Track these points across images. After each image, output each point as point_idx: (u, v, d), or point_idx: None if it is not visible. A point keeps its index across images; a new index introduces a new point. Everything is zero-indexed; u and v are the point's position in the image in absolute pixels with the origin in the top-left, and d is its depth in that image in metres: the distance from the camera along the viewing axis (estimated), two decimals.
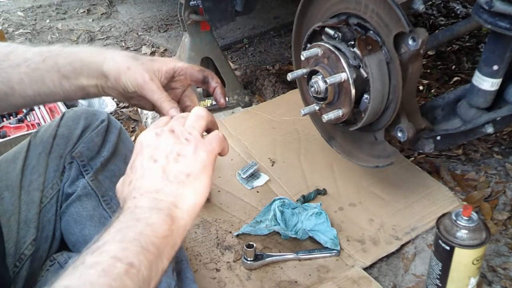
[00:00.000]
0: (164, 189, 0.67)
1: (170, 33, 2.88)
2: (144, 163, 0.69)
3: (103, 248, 0.58)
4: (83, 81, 0.89)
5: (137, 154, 0.71)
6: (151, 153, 0.70)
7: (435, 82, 2.18)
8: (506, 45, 1.10)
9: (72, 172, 1.07)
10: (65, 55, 0.90)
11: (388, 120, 1.23)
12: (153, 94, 0.86)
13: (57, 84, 0.88)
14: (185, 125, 0.73)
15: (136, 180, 0.68)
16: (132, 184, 0.69)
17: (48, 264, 1.04)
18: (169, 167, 0.68)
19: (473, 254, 1.09)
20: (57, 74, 0.88)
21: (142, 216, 0.63)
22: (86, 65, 0.89)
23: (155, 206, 0.64)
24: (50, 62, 0.89)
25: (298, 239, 1.38)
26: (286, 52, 2.61)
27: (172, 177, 0.68)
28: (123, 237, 0.59)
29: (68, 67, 0.88)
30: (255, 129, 1.83)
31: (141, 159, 0.70)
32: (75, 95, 0.91)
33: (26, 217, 1.01)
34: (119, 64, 0.87)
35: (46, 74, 0.88)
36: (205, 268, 1.32)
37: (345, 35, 1.22)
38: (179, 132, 0.71)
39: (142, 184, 0.68)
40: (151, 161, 0.69)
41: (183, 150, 0.69)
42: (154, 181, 0.67)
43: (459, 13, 2.81)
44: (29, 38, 2.90)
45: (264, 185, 1.59)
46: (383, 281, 1.29)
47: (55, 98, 0.91)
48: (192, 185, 0.68)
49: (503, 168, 1.64)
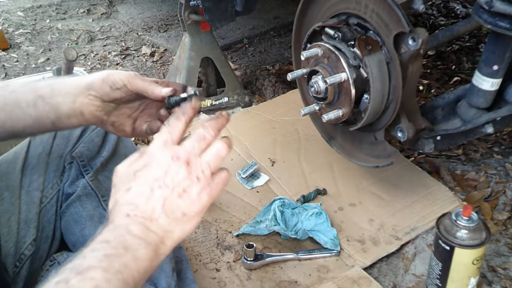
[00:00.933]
0: (158, 221, 0.67)
1: (170, 33, 2.88)
2: (149, 181, 0.68)
3: (88, 274, 0.58)
4: (58, 99, 0.88)
5: (146, 166, 0.70)
6: (159, 176, 0.68)
7: (435, 82, 2.18)
8: (506, 45, 1.10)
9: (72, 172, 1.07)
10: (46, 80, 0.91)
11: (388, 120, 1.23)
12: (143, 82, 0.86)
13: (31, 105, 0.87)
14: (202, 159, 0.71)
15: (135, 193, 0.68)
16: (130, 194, 0.68)
17: (48, 264, 1.04)
18: (171, 200, 0.67)
19: (473, 254, 1.09)
20: (33, 95, 0.88)
21: (131, 247, 0.63)
22: (66, 84, 0.89)
23: (145, 238, 0.65)
24: (29, 86, 0.89)
25: (298, 239, 1.38)
26: (286, 52, 2.61)
27: (169, 211, 0.67)
28: (108, 266, 0.60)
29: (47, 87, 0.89)
30: (255, 129, 1.83)
31: (148, 175, 0.69)
32: (46, 118, 0.89)
33: (26, 217, 1.01)
34: (107, 71, 0.88)
35: (22, 95, 0.88)
36: (205, 268, 1.32)
37: (345, 35, 1.22)
38: (193, 167, 0.70)
39: (140, 204, 0.67)
40: (157, 184, 0.68)
41: (189, 188, 0.68)
42: (152, 208, 0.67)
43: (459, 13, 2.81)
44: (29, 38, 2.90)
45: (264, 185, 1.59)
46: (383, 281, 1.29)
47: (25, 121, 0.89)
48: (183, 224, 0.68)
49: (503, 168, 1.64)
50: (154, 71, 2.53)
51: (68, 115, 0.88)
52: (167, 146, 0.71)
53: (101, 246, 0.62)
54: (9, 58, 2.70)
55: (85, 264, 0.59)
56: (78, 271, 0.58)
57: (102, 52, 2.74)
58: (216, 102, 2.06)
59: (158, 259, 0.66)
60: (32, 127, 0.89)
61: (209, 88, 2.13)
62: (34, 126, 0.89)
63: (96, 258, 0.60)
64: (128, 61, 2.65)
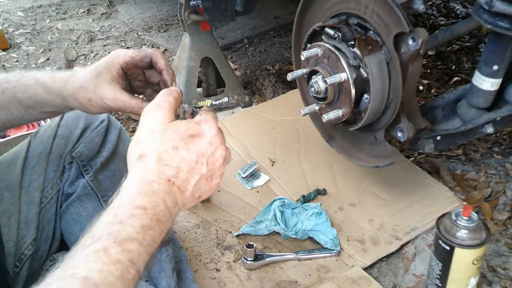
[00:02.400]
0: (185, 194, 0.67)
1: (170, 33, 2.88)
2: (198, 152, 0.68)
3: (126, 245, 0.57)
4: (47, 109, 0.91)
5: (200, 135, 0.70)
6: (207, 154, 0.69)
7: (435, 82, 2.18)
8: (506, 45, 1.10)
9: (72, 172, 1.08)
10: (23, 88, 0.90)
11: (388, 120, 1.23)
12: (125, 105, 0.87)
13: (24, 113, 0.91)
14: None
15: (182, 157, 0.67)
16: (178, 155, 0.67)
17: (48, 264, 1.04)
18: (201, 180, 0.69)
19: (473, 254, 1.09)
20: (21, 106, 0.90)
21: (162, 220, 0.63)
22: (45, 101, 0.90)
23: (171, 211, 0.65)
24: (9, 94, 0.90)
25: (298, 239, 1.38)
26: (286, 52, 2.61)
27: (195, 189, 0.69)
28: (143, 239, 0.59)
29: (29, 100, 0.90)
30: (255, 129, 1.83)
31: (199, 146, 0.69)
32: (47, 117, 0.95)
33: (26, 217, 1.01)
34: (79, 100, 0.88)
35: (10, 105, 0.90)
36: (205, 268, 1.32)
37: (345, 35, 1.22)
38: (225, 160, 0.73)
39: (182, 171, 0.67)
40: (202, 160, 0.69)
41: (215, 175, 0.71)
42: (188, 180, 0.67)
43: (459, 13, 2.81)
44: (29, 38, 2.90)
45: (264, 185, 1.59)
46: (383, 281, 1.29)
47: (26, 123, 0.95)
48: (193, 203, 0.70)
49: (503, 168, 1.64)
50: None
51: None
52: (220, 133, 0.73)
53: (139, 213, 0.61)
54: (9, 58, 2.70)
55: (124, 234, 0.58)
56: (118, 240, 0.57)
57: (102, 52, 2.74)
58: (216, 102, 2.06)
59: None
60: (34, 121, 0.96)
61: (209, 88, 2.13)
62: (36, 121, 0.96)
63: (134, 228, 0.59)
64: None
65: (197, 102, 2.02)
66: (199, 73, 2.05)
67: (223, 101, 2.07)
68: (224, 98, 2.07)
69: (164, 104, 0.71)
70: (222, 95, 2.07)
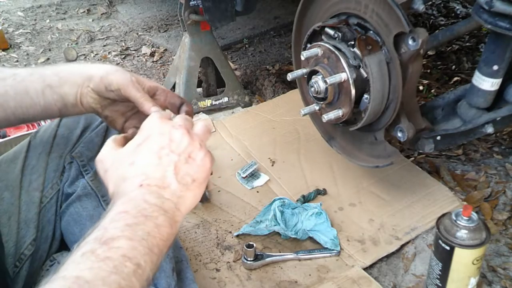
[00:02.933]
0: (171, 187, 0.67)
1: (170, 33, 2.88)
2: (155, 150, 0.68)
3: (113, 244, 0.58)
4: (65, 89, 0.90)
5: (147, 138, 0.70)
6: (165, 143, 0.69)
7: (435, 82, 2.18)
8: (506, 45, 1.10)
9: (72, 172, 1.07)
10: (53, 68, 0.93)
11: (388, 120, 1.23)
12: (136, 92, 0.87)
13: (40, 93, 0.89)
14: (195, 131, 0.73)
15: (142, 164, 0.68)
16: (135, 166, 0.68)
17: (48, 264, 1.04)
18: (179, 166, 0.68)
19: (473, 254, 1.09)
20: (42, 84, 0.90)
21: (151, 215, 0.63)
22: (72, 73, 0.90)
23: (161, 205, 0.65)
24: (36, 74, 0.91)
25: (298, 239, 1.38)
26: (286, 52, 2.61)
27: (180, 177, 0.68)
28: (132, 235, 0.60)
29: (54, 77, 0.90)
30: (255, 129, 1.83)
31: (152, 145, 0.69)
32: (54, 106, 0.92)
33: (26, 217, 1.01)
34: (108, 67, 0.90)
35: (31, 84, 0.90)
36: (205, 268, 1.32)
37: (345, 35, 1.22)
38: (193, 135, 0.71)
39: (150, 173, 0.67)
40: (164, 152, 0.68)
41: (194, 153, 0.70)
42: (163, 175, 0.67)
43: (459, 13, 2.81)
44: (29, 38, 2.90)
45: (264, 185, 1.59)
46: (383, 281, 1.29)
47: (35, 109, 0.91)
48: (194, 190, 0.69)
49: (503, 168, 1.64)
50: (154, 71, 2.53)
51: (73, 104, 0.91)
52: (164, 120, 0.72)
53: (120, 217, 0.62)
54: (9, 58, 2.71)
55: (108, 235, 0.59)
56: (103, 241, 0.58)
57: (102, 52, 2.74)
58: (216, 102, 2.06)
59: (176, 226, 0.66)
60: (41, 114, 0.92)
61: (209, 88, 2.13)
62: (43, 113, 0.92)
63: (118, 228, 0.60)
64: (128, 61, 2.65)
65: (197, 102, 2.02)
66: (199, 73, 2.05)
67: (223, 101, 2.07)
68: (224, 98, 2.07)
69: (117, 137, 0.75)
70: (222, 95, 2.07)
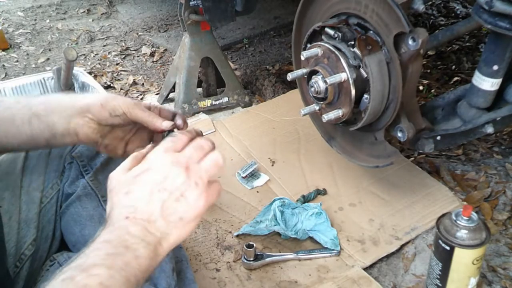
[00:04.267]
0: (156, 223, 0.68)
1: (170, 33, 2.88)
2: (149, 185, 0.70)
3: (92, 271, 0.60)
4: (54, 118, 0.89)
5: (146, 170, 0.71)
6: (159, 180, 0.70)
7: (435, 82, 2.19)
8: (506, 45, 1.10)
9: (72, 172, 1.07)
10: (40, 97, 0.92)
11: (388, 120, 1.23)
12: (142, 113, 0.89)
13: (26, 122, 0.88)
14: (200, 166, 0.73)
15: (134, 197, 0.69)
16: (129, 197, 0.70)
17: (48, 264, 1.04)
18: (168, 204, 0.69)
19: (473, 254, 1.09)
20: (29, 113, 0.89)
21: (132, 247, 0.65)
22: (61, 103, 0.90)
23: (144, 238, 0.67)
24: (23, 103, 0.90)
25: (298, 239, 1.38)
26: (286, 52, 2.61)
27: (166, 214, 0.69)
28: (111, 264, 0.62)
29: (41, 106, 0.89)
30: (255, 129, 1.83)
31: (148, 179, 0.71)
32: (41, 136, 0.90)
33: (26, 217, 1.01)
34: (102, 94, 0.92)
35: (17, 112, 0.89)
36: (205, 268, 1.32)
37: (345, 35, 1.22)
38: (192, 173, 0.71)
39: (139, 207, 0.69)
40: (156, 188, 0.70)
41: (187, 192, 0.70)
42: (150, 211, 0.69)
43: (459, 13, 2.81)
44: (29, 38, 2.90)
45: (264, 185, 1.59)
46: (383, 281, 1.29)
47: (20, 139, 0.90)
48: (180, 229, 0.70)
49: (503, 168, 1.64)
50: (154, 71, 2.53)
51: (62, 134, 0.90)
52: (168, 152, 0.73)
53: (102, 246, 0.64)
54: (9, 58, 2.71)
55: (88, 262, 0.62)
56: (83, 268, 0.61)
57: (102, 52, 2.74)
58: (216, 102, 2.06)
59: (157, 259, 0.68)
60: (26, 144, 0.91)
61: (209, 88, 2.13)
62: (29, 143, 0.91)
63: (98, 256, 0.63)
64: (128, 61, 2.65)
65: (197, 102, 2.02)
66: (199, 73, 2.05)
67: (223, 101, 2.07)
68: (224, 98, 2.07)
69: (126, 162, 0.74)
70: (222, 95, 2.07)
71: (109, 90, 2.33)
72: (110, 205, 0.71)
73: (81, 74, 2.08)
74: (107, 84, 2.40)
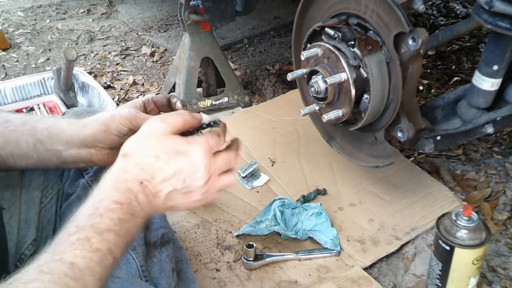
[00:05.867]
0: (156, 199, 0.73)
1: (170, 33, 2.88)
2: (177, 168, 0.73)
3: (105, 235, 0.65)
4: (59, 147, 0.89)
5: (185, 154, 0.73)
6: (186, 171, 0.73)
7: (435, 82, 2.19)
8: (506, 45, 1.10)
9: (72, 172, 1.07)
10: (44, 120, 0.92)
11: (388, 120, 1.23)
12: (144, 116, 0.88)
13: (31, 147, 0.89)
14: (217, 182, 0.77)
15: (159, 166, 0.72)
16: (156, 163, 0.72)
17: None
18: (175, 192, 0.74)
19: (473, 254, 1.09)
20: (33, 138, 0.89)
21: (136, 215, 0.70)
22: (62, 132, 0.89)
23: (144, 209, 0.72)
24: (28, 125, 0.90)
25: (298, 239, 1.38)
26: (286, 52, 2.61)
27: (168, 199, 0.74)
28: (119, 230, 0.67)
29: (45, 132, 0.89)
30: (255, 129, 1.83)
31: (180, 163, 0.73)
32: (49, 161, 0.91)
33: (26, 217, 1.01)
34: (101, 118, 0.89)
35: (22, 136, 0.89)
36: (205, 268, 1.32)
37: (345, 35, 1.22)
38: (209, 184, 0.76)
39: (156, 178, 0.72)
40: (179, 176, 0.73)
41: (193, 194, 0.75)
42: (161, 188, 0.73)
43: (459, 13, 2.81)
44: (29, 38, 2.90)
45: (264, 185, 1.59)
46: (383, 281, 1.29)
47: (28, 161, 0.91)
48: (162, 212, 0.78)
49: (503, 168, 1.64)
50: (154, 71, 2.53)
51: (74, 162, 0.91)
52: (209, 155, 0.75)
53: (116, 208, 0.68)
54: (9, 58, 2.71)
55: (103, 225, 0.66)
56: (98, 231, 0.65)
57: (102, 52, 2.74)
58: (216, 102, 2.06)
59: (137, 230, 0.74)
60: (35, 166, 0.93)
61: (209, 88, 2.13)
62: (37, 165, 0.93)
63: (112, 220, 0.67)
64: (128, 61, 2.65)
65: (197, 102, 2.02)
66: (199, 73, 2.05)
67: (223, 101, 2.07)
68: (224, 98, 2.07)
69: (170, 120, 0.75)
70: (222, 95, 2.07)
71: (109, 90, 2.33)
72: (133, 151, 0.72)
73: (81, 74, 2.08)
74: (107, 84, 2.40)
